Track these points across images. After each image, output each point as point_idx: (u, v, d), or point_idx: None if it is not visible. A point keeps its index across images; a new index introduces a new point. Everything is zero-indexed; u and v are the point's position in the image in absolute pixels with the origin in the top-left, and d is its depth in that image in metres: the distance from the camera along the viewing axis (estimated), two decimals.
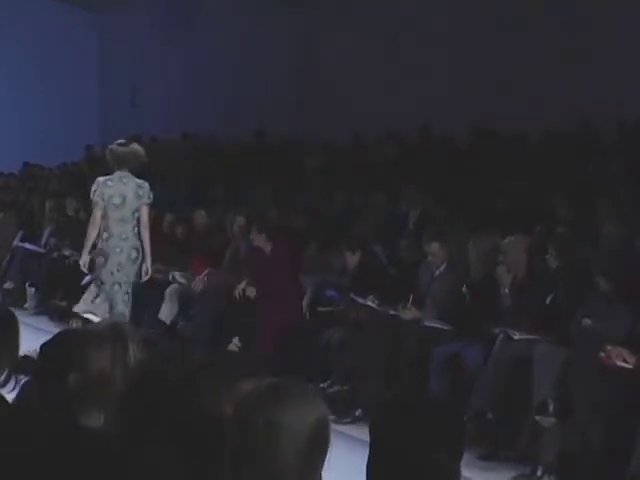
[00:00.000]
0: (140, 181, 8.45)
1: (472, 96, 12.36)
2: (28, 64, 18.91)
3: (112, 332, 3.37)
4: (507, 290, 7.47)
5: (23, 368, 3.34)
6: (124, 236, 8.33)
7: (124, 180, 8.34)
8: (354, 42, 14.09)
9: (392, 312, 8.17)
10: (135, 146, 8.52)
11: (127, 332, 3.40)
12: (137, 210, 8.36)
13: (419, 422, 2.38)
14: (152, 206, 10.68)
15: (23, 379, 3.33)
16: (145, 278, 8.56)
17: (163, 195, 12.83)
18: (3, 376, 3.50)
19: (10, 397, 3.41)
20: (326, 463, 2.39)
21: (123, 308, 8.39)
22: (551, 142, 10.71)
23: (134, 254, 8.37)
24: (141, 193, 8.39)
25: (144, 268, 8.44)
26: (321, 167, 12.62)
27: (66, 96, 19.05)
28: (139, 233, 8.38)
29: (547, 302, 7.17)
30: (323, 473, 2.41)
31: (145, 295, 10.74)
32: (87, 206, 13.00)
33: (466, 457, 2.43)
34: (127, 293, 8.42)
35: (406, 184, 10.45)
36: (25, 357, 3.38)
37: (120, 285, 8.33)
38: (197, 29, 17.29)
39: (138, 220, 8.37)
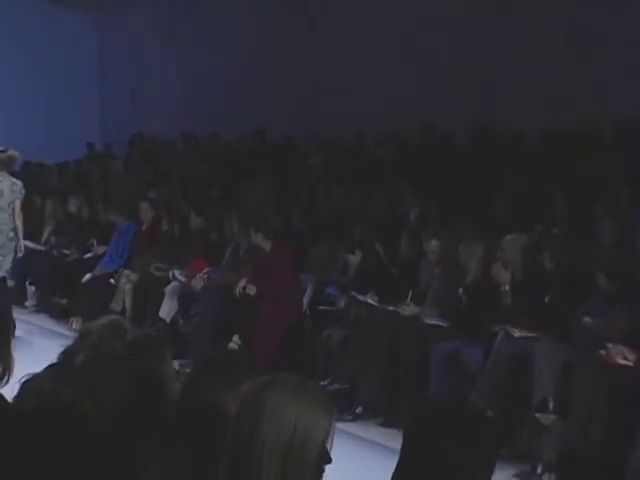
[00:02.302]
0: (15, 180, 10.89)
1: (472, 96, 12.37)
2: (29, 65, 18.90)
3: (112, 328, 3.39)
4: (507, 287, 7.49)
5: None
6: (2, 221, 10.66)
7: (0, 179, 10.71)
8: (355, 41, 14.09)
9: (391, 308, 8.19)
10: (12, 152, 10.99)
11: (127, 329, 3.42)
12: (12, 202, 10.71)
13: (452, 431, 2.37)
14: (153, 206, 11.19)
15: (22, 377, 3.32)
16: (19, 254, 10.96)
17: (164, 194, 12.88)
18: None
19: (4, 392, 3.41)
20: None
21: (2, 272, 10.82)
22: (551, 141, 10.71)
23: (11, 234, 10.73)
24: (15, 189, 10.76)
25: (19, 247, 10.82)
26: (322, 166, 12.63)
27: (67, 97, 19.04)
28: (14, 219, 10.73)
29: (546, 301, 7.18)
30: None
31: (145, 293, 10.79)
32: (89, 204, 13.11)
33: None
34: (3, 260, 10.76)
35: (406, 183, 10.46)
36: None
37: (3, 257, 10.68)
38: (197, 29, 17.29)
39: (13, 210, 10.71)
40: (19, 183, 10.84)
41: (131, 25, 19.10)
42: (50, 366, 3.31)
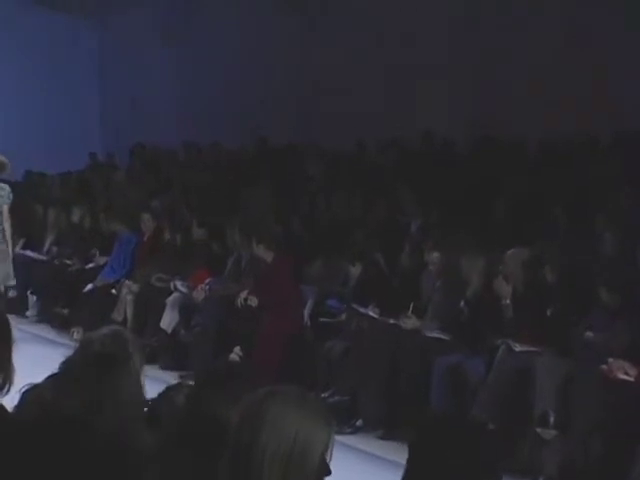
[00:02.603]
0: (2, 184, 11.16)
1: (472, 96, 12.33)
2: (29, 67, 18.89)
3: (114, 339, 3.39)
4: (508, 301, 7.47)
5: None
6: None
7: None
8: (355, 41, 14.05)
9: (392, 321, 8.17)
10: (0, 157, 11.27)
11: (128, 339, 3.42)
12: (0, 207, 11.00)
13: (453, 440, 2.38)
14: (154, 217, 11.22)
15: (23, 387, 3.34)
16: (8, 258, 11.17)
17: (166, 203, 12.85)
18: None
19: (4, 402, 3.41)
20: None
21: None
22: (550, 145, 10.67)
23: None
24: (2, 194, 11.07)
25: (7, 251, 11.08)
26: (322, 174, 12.57)
27: (67, 98, 19.04)
28: (2, 222, 11.03)
29: (548, 314, 7.17)
30: None
31: (147, 303, 10.78)
32: (92, 213, 13.10)
33: None
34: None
35: (407, 190, 10.42)
36: None
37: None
38: (197, 29, 17.26)
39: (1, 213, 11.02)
40: (6, 188, 11.13)
41: (131, 25, 19.06)
42: (51, 376, 3.34)
